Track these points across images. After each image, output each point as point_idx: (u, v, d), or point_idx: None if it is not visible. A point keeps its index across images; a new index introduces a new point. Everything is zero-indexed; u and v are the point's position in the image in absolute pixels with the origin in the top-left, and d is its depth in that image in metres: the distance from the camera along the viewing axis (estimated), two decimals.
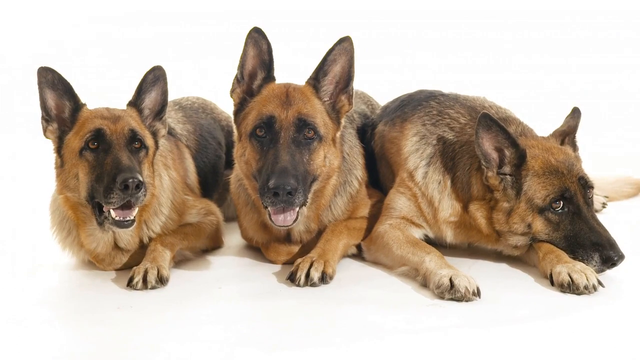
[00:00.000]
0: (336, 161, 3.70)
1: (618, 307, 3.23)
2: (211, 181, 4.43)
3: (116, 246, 3.72)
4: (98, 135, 3.49)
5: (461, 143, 3.81)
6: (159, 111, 3.74)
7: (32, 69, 3.66)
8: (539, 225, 3.55)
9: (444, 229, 3.82)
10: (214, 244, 4.11)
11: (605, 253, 3.45)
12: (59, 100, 3.60)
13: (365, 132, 4.28)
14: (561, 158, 3.61)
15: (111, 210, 3.41)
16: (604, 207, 4.77)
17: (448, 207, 3.78)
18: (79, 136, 3.52)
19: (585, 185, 3.59)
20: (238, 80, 3.71)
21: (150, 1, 7.86)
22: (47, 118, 3.62)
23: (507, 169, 3.60)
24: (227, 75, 3.84)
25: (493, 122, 3.56)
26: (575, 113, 3.88)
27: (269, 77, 3.68)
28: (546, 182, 3.54)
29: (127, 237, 3.68)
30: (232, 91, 3.73)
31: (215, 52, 7.29)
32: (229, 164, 4.52)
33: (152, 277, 3.46)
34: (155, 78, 3.69)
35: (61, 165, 3.60)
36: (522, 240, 3.62)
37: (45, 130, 3.63)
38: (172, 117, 4.35)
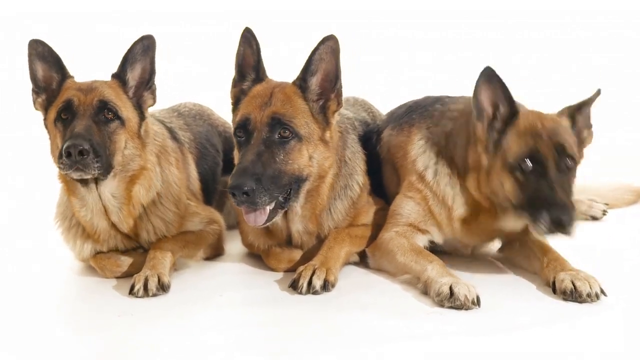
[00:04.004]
0: (327, 162, 3.69)
1: (620, 315, 3.22)
2: (211, 188, 4.45)
3: (114, 226, 3.74)
4: (67, 106, 3.55)
5: (457, 126, 3.79)
6: (148, 80, 3.76)
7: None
8: (508, 185, 3.51)
9: (457, 227, 3.79)
10: (215, 252, 4.11)
11: (556, 214, 3.34)
12: (48, 72, 3.67)
13: (371, 137, 4.28)
14: (548, 125, 3.55)
15: None
16: (604, 214, 4.77)
17: (461, 204, 3.75)
18: (55, 107, 3.59)
19: (562, 152, 3.49)
20: (235, 80, 3.73)
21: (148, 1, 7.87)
22: (36, 90, 3.69)
23: (497, 124, 3.58)
24: (220, 76, 3.84)
25: (495, 75, 3.54)
26: (595, 92, 3.76)
27: (258, 78, 3.70)
28: (521, 141, 3.50)
29: (116, 210, 3.70)
30: (231, 91, 3.76)
31: (213, 54, 7.28)
32: (226, 170, 4.54)
33: (152, 285, 3.47)
34: (145, 48, 3.70)
35: (49, 136, 3.68)
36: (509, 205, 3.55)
37: (34, 102, 3.70)
38: (174, 123, 4.38)
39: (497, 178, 3.54)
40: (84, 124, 3.49)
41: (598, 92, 3.73)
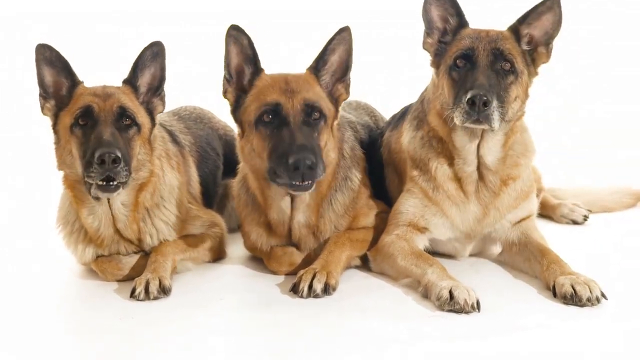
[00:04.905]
0: (332, 152, 3.74)
1: (620, 318, 3.23)
2: (212, 192, 4.45)
3: (118, 232, 3.74)
4: (86, 112, 3.53)
5: (430, 85, 3.87)
6: (157, 87, 3.76)
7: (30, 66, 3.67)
8: (446, 87, 3.63)
9: (452, 191, 3.78)
10: (216, 256, 4.10)
11: (472, 93, 3.43)
12: (57, 77, 3.65)
13: (376, 141, 4.33)
14: (491, 33, 3.66)
15: None
16: (585, 219, 4.80)
17: (435, 157, 3.79)
18: (70, 112, 3.57)
19: (499, 56, 3.59)
20: (227, 80, 3.73)
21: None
22: (44, 95, 3.67)
23: (448, 37, 3.73)
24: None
25: None
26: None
27: (257, 70, 3.71)
28: (459, 43, 3.65)
29: (124, 217, 3.70)
30: (225, 92, 3.75)
31: (213, 55, 7.26)
32: (227, 174, 4.55)
33: (154, 288, 3.47)
34: (154, 54, 3.71)
35: (57, 142, 3.66)
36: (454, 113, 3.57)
37: (42, 108, 3.68)
38: (175, 127, 4.38)
39: (440, 86, 3.67)
40: (109, 131, 3.49)
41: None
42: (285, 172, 3.40)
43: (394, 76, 7.73)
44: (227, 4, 7.85)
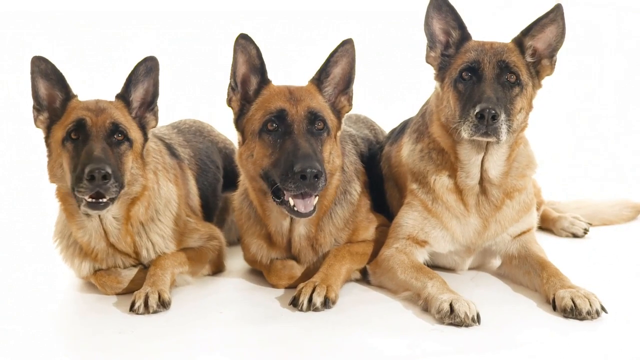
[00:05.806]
0: (337, 160, 3.75)
1: (621, 333, 3.22)
2: (212, 204, 4.45)
3: (112, 245, 3.73)
4: (79, 126, 3.53)
5: (431, 99, 3.88)
6: (150, 102, 3.76)
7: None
8: (452, 99, 3.64)
9: (451, 203, 3.77)
10: (216, 269, 4.10)
11: (480, 107, 3.44)
12: (51, 90, 3.66)
13: (376, 155, 4.34)
14: (496, 46, 3.68)
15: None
16: (585, 232, 4.81)
17: (433, 169, 3.80)
18: (63, 126, 3.58)
19: (504, 68, 3.61)
20: (233, 88, 3.74)
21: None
22: (38, 108, 3.67)
23: (451, 50, 3.75)
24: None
25: (444, 2, 3.71)
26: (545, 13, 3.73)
27: (264, 80, 3.73)
28: (464, 56, 3.67)
29: (116, 231, 3.69)
30: (229, 100, 3.76)
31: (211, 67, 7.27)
32: (227, 187, 4.56)
33: (153, 302, 3.47)
34: (147, 69, 3.72)
35: (49, 154, 3.66)
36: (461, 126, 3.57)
37: (35, 120, 3.69)
38: (174, 140, 4.39)
39: (445, 99, 3.67)
40: (100, 147, 3.48)
41: (554, 10, 3.69)
42: (291, 182, 3.40)
43: (393, 89, 7.73)
44: (228, 5, 7.83)
